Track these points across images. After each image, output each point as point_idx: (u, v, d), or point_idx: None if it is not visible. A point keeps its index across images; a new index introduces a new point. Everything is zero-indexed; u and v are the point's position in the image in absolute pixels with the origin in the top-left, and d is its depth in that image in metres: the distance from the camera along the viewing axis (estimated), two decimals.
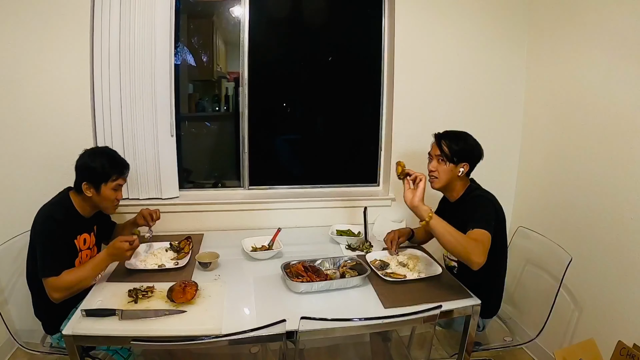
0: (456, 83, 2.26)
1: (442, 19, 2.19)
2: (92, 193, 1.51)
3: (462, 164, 1.59)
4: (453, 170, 1.59)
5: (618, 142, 1.68)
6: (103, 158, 1.53)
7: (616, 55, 1.68)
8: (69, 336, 1.17)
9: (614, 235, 1.69)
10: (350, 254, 1.77)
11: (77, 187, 1.52)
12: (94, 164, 1.50)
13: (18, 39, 1.85)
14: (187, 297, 1.30)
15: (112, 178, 1.52)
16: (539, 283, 1.81)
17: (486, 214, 1.47)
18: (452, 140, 1.60)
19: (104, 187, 1.52)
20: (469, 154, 1.59)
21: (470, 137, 1.63)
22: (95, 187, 1.51)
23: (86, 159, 1.52)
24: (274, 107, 2.38)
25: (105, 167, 1.51)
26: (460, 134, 1.63)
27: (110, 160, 1.54)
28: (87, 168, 1.50)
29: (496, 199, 1.58)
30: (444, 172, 1.60)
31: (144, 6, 1.91)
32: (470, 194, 1.61)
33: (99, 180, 1.51)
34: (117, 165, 1.55)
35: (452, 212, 1.63)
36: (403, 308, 1.31)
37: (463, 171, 1.59)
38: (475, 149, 1.61)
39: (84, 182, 1.50)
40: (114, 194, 1.55)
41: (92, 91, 1.95)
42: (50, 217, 1.45)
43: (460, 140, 1.60)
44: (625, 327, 1.61)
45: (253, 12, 2.16)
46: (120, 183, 1.56)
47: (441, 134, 1.65)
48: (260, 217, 2.21)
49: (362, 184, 2.47)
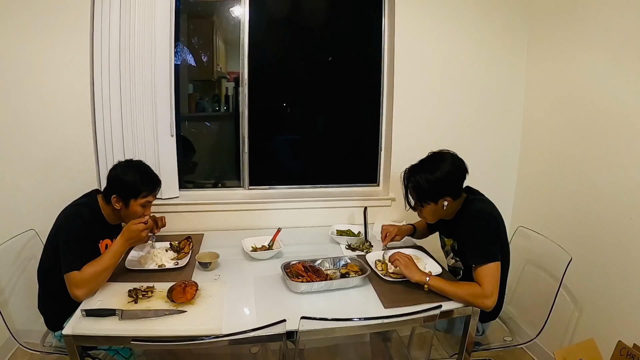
0: (456, 83, 2.26)
1: (442, 18, 2.19)
2: (121, 207, 1.50)
3: (442, 199, 1.47)
4: (435, 209, 1.49)
5: (618, 142, 1.68)
6: (136, 172, 1.51)
7: (616, 55, 1.68)
8: (69, 336, 1.17)
9: (614, 235, 1.69)
10: (350, 254, 1.77)
11: (106, 197, 1.52)
12: (127, 177, 1.49)
13: (18, 39, 1.85)
14: (187, 297, 1.30)
15: (142, 194, 1.51)
16: (539, 283, 1.80)
17: (486, 240, 1.40)
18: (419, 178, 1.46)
19: (133, 203, 1.50)
20: (445, 186, 1.45)
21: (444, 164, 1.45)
22: (124, 202, 1.50)
23: (119, 171, 1.51)
24: (274, 107, 2.38)
25: (137, 183, 1.49)
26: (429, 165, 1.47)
27: (142, 176, 1.52)
28: (119, 181, 1.49)
29: (494, 208, 1.50)
30: (428, 213, 1.53)
31: (144, 6, 1.91)
32: (467, 208, 1.51)
33: (129, 196, 1.49)
34: (149, 182, 1.54)
35: (450, 229, 1.62)
36: (403, 308, 1.31)
37: (447, 204, 1.47)
38: (452, 178, 1.45)
39: (113, 195, 1.49)
40: (142, 210, 1.53)
41: (92, 91, 1.95)
42: (78, 215, 1.44)
43: (429, 174, 1.44)
44: (625, 327, 1.61)
45: (253, 12, 2.16)
46: (150, 200, 1.54)
47: (410, 171, 1.51)
48: (260, 217, 2.21)
49: (362, 184, 2.47)
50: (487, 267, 1.36)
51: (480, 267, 1.37)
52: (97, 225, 1.51)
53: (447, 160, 1.48)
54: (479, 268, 1.37)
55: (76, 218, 1.44)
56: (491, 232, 1.43)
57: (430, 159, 1.51)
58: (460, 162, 1.49)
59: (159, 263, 1.61)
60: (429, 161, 1.51)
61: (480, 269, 1.37)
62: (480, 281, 1.36)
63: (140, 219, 1.46)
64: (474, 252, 1.41)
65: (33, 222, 1.80)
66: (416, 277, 1.41)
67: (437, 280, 1.40)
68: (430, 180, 1.45)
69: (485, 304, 1.33)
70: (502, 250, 1.46)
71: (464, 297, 1.35)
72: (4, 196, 1.95)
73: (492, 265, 1.36)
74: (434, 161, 1.49)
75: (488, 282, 1.34)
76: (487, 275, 1.35)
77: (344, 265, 1.60)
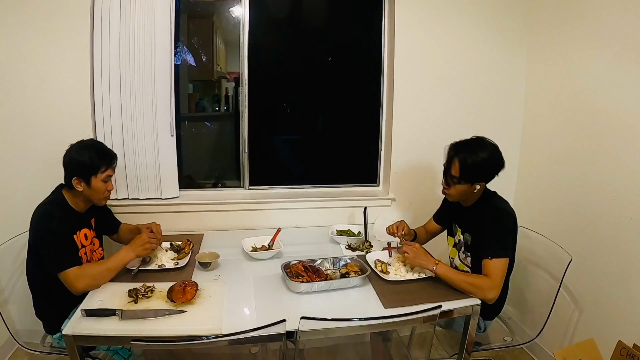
0: (456, 83, 2.26)
1: (442, 18, 2.19)
2: (83, 187, 1.50)
3: (477, 183, 1.50)
4: (467, 189, 1.52)
5: (618, 142, 1.68)
6: (90, 151, 1.52)
7: (616, 55, 1.68)
8: (69, 336, 1.17)
9: (614, 235, 1.69)
10: (350, 254, 1.77)
11: (68, 183, 1.52)
12: (82, 157, 1.50)
13: (18, 39, 1.85)
14: (187, 297, 1.30)
15: (101, 170, 1.52)
16: (539, 283, 1.81)
17: (505, 236, 1.47)
18: (467, 155, 1.47)
19: (94, 180, 1.51)
20: (485, 172, 1.49)
21: (488, 149, 1.48)
22: (85, 181, 1.50)
23: (73, 154, 1.51)
24: (274, 107, 2.38)
25: (94, 160, 1.51)
26: (476, 147, 1.49)
27: (97, 152, 1.53)
28: (76, 162, 1.50)
29: (511, 207, 1.55)
30: (457, 191, 1.54)
31: (144, 6, 1.91)
32: (489, 203, 1.55)
33: (89, 173, 1.50)
34: (105, 156, 1.55)
35: (465, 216, 1.63)
36: (403, 308, 1.31)
37: (479, 189, 1.52)
38: (494, 165, 1.48)
39: (74, 177, 1.49)
40: (104, 186, 1.54)
41: (92, 91, 1.95)
42: (48, 214, 1.45)
43: (476, 155, 1.47)
44: (625, 327, 1.61)
45: (253, 12, 2.16)
46: (110, 174, 1.56)
47: (456, 146, 1.53)
48: (260, 217, 2.21)
49: (362, 184, 2.47)
50: (498, 261, 1.42)
51: (492, 260, 1.42)
52: (69, 219, 1.51)
53: (491, 146, 1.51)
54: (491, 261, 1.42)
55: (47, 217, 1.44)
56: (510, 230, 1.51)
57: (477, 141, 1.52)
58: (501, 154, 1.51)
59: (159, 263, 1.61)
60: (475, 143, 1.52)
61: (492, 261, 1.42)
62: (488, 272, 1.41)
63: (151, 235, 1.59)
64: (491, 245, 1.45)
65: None
66: (424, 263, 1.47)
67: (444, 267, 1.46)
68: (478, 162, 1.47)
69: (489, 296, 1.38)
70: (513, 249, 1.54)
71: (470, 285, 1.40)
72: (3, 196, 1.95)
73: (503, 260, 1.43)
74: (480, 144, 1.51)
75: (496, 275, 1.40)
76: (496, 268, 1.41)
77: (344, 265, 1.60)
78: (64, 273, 1.37)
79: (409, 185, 2.33)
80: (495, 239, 1.46)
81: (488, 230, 1.49)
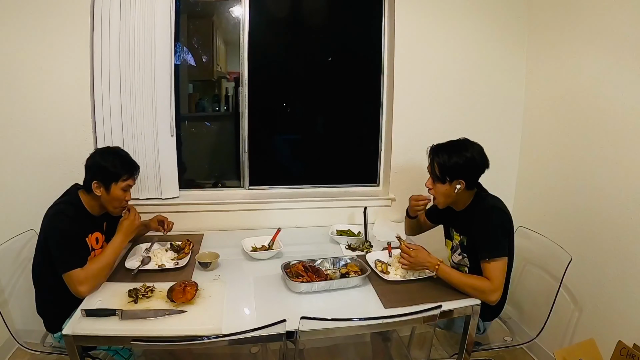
0: (456, 83, 2.26)
1: (442, 18, 2.19)
2: (102, 192, 1.51)
3: (456, 182, 1.49)
4: (448, 189, 1.51)
5: (618, 142, 1.68)
6: (115, 157, 1.54)
7: (616, 54, 1.68)
8: (69, 336, 1.17)
9: (614, 236, 1.69)
10: (350, 254, 1.77)
11: (87, 186, 1.52)
12: (106, 162, 1.51)
13: (18, 39, 1.85)
14: (187, 297, 1.30)
15: (122, 178, 1.53)
16: (539, 283, 1.81)
17: (497, 232, 1.45)
18: (446, 154, 1.50)
19: (114, 187, 1.52)
20: (462, 169, 1.48)
21: (467, 147, 1.50)
22: (105, 187, 1.51)
23: (97, 158, 1.53)
24: (274, 107, 2.38)
25: (117, 167, 1.52)
26: (455, 146, 1.52)
27: (121, 160, 1.55)
28: (98, 166, 1.51)
29: (505, 206, 1.53)
30: (439, 192, 1.54)
31: (144, 6, 1.91)
32: (479, 205, 1.54)
33: (110, 180, 1.51)
34: (129, 166, 1.56)
35: (459, 221, 1.62)
36: (403, 308, 1.31)
37: (460, 188, 1.50)
38: (472, 162, 1.48)
39: (94, 181, 1.50)
40: (123, 195, 1.55)
41: (92, 91, 1.95)
42: (62, 213, 1.45)
43: (454, 154, 1.48)
44: (625, 327, 1.61)
45: (253, 12, 2.16)
46: (130, 184, 1.57)
47: (435, 147, 1.56)
48: (260, 217, 2.21)
49: (362, 184, 2.47)
50: (497, 262, 1.41)
51: (491, 262, 1.41)
52: (82, 220, 1.52)
53: (472, 145, 1.52)
54: (490, 263, 1.41)
55: (61, 217, 1.44)
56: (504, 228, 1.49)
57: (460, 141, 1.54)
58: (483, 155, 1.52)
59: (159, 263, 1.61)
60: (457, 143, 1.54)
61: (491, 264, 1.41)
62: (489, 275, 1.40)
63: (125, 213, 1.57)
64: (487, 246, 1.44)
65: (33, 222, 1.79)
66: (427, 263, 1.46)
67: (447, 268, 1.46)
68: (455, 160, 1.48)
69: (490, 299, 1.38)
70: (509, 248, 1.51)
71: (471, 288, 1.39)
72: (3, 196, 1.95)
73: (501, 261, 1.42)
74: (460, 145, 1.52)
75: (497, 277, 1.39)
76: (496, 270, 1.40)
77: (344, 265, 1.60)
78: (69, 274, 1.37)
79: (409, 185, 2.31)
80: (489, 237, 1.45)
81: (479, 228, 1.48)
